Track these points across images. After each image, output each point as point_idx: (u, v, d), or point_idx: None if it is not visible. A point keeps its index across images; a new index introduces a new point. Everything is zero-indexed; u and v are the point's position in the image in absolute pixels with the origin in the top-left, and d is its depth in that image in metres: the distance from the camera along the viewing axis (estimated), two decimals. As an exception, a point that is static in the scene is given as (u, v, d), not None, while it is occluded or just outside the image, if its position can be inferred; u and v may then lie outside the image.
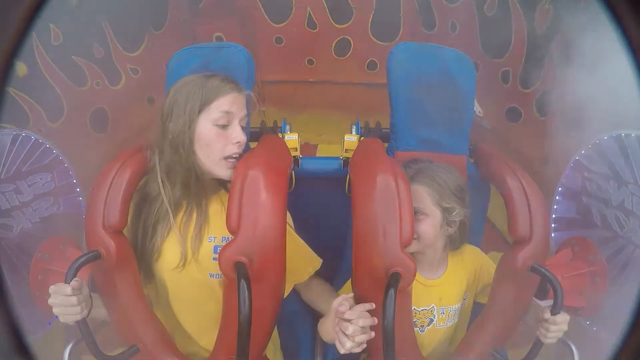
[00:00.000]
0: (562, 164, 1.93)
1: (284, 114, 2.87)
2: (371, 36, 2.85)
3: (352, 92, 2.98)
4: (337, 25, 2.84)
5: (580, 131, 2.08)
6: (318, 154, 2.89)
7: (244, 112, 1.30)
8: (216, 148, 1.25)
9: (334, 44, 2.88)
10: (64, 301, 1.10)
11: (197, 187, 1.29)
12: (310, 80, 2.97)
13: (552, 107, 2.25)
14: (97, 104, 2.24)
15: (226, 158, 1.26)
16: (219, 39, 2.78)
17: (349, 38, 2.86)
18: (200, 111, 1.24)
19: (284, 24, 2.82)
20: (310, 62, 2.92)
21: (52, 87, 2.02)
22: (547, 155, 2.29)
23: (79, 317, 1.12)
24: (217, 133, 1.25)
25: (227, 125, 1.26)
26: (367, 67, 2.94)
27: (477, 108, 2.46)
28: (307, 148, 2.83)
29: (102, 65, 2.25)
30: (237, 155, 1.27)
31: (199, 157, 1.27)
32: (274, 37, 2.84)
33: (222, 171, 1.27)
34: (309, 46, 2.89)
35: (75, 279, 1.12)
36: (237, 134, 1.26)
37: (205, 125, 1.25)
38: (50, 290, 1.12)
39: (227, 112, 1.25)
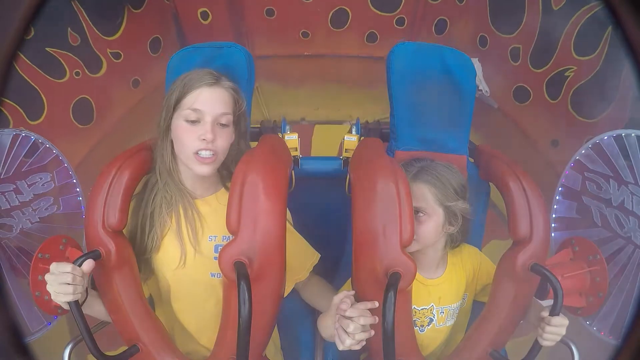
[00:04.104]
0: (571, 148, 1.85)
1: (278, 90, 2.75)
2: (371, 6, 2.69)
3: (350, 65, 2.83)
4: None
5: (593, 118, 2.00)
6: (314, 138, 2.76)
7: (219, 108, 1.25)
8: (185, 143, 1.25)
9: (330, 15, 2.71)
10: (59, 278, 1.09)
11: (172, 179, 1.30)
12: (305, 54, 2.81)
13: (565, 90, 2.09)
14: (79, 95, 2.15)
15: (196, 153, 1.24)
16: (203, 14, 2.63)
17: (347, 8, 2.70)
18: (175, 106, 1.25)
19: None
20: (305, 34, 2.76)
21: (28, 83, 1.93)
22: (557, 138, 2.18)
23: (70, 298, 1.10)
24: (186, 129, 1.24)
25: (197, 122, 1.24)
26: (366, 39, 2.78)
27: (484, 87, 2.39)
28: (302, 129, 2.67)
29: (79, 53, 2.13)
30: (207, 153, 1.24)
31: (176, 150, 1.29)
32: (265, 9, 2.68)
33: (194, 166, 1.26)
34: (303, 18, 2.72)
35: (84, 264, 1.12)
36: (204, 131, 1.23)
37: (178, 121, 1.26)
38: (50, 267, 1.11)
39: (195, 110, 1.24)
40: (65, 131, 2.09)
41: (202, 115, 1.24)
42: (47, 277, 1.11)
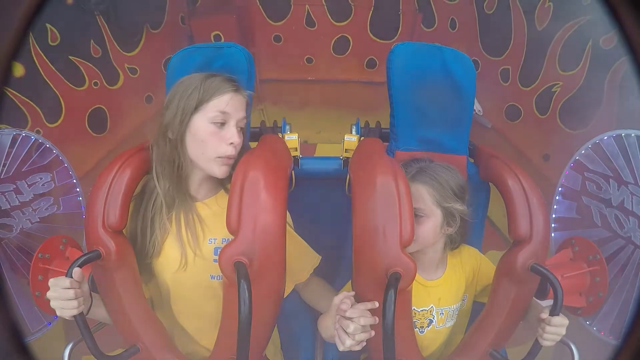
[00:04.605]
0: (562, 161, 1.92)
1: (283, 113, 2.86)
2: (370, 34, 2.84)
3: (351, 90, 2.96)
4: (336, 23, 2.83)
5: (581, 129, 2.08)
6: (316, 155, 2.87)
7: (241, 113, 1.29)
8: (210, 146, 1.24)
9: (332, 42, 2.87)
10: (62, 294, 1.10)
11: (179, 183, 1.29)
12: (309, 78, 2.95)
13: (553, 105, 2.21)
14: (95, 104, 2.23)
15: (219, 156, 1.25)
16: (216, 37, 2.77)
17: (348, 36, 2.86)
18: (196, 108, 1.25)
19: (282, 22, 2.81)
20: (309, 60, 2.90)
21: (49, 87, 2.01)
22: (548, 152, 2.28)
23: (75, 312, 1.11)
24: (213, 131, 1.24)
25: (223, 125, 1.26)
26: (366, 65, 2.92)
27: (477, 106, 2.45)
28: (306, 148, 2.80)
29: (99, 64, 2.23)
30: (230, 155, 1.26)
31: (192, 153, 1.27)
32: (273, 36, 2.84)
33: (216, 168, 1.26)
34: (307, 44, 2.88)
35: (76, 269, 1.11)
36: (232, 135, 1.25)
37: (201, 123, 1.25)
38: (49, 284, 1.12)
39: (223, 112, 1.25)
40: (79, 137, 2.15)
41: (228, 119, 1.26)
42: (48, 294, 1.11)
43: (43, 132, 1.89)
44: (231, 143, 1.25)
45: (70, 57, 2.10)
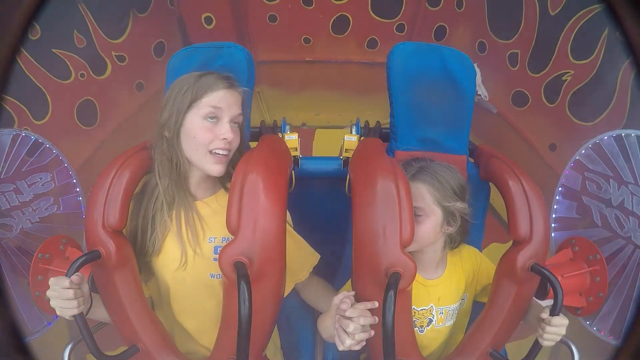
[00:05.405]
0: (569, 152, 1.87)
1: (280, 95, 2.78)
2: (371, 13, 2.74)
3: (351, 71, 2.87)
4: (335, 2, 2.72)
5: (590, 121, 2.02)
6: (315, 141, 2.81)
7: (236, 110, 1.29)
8: (202, 141, 1.25)
9: (331, 22, 2.76)
10: (62, 294, 1.10)
11: (178, 181, 1.30)
12: (307, 59, 2.86)
13: (562, 94, 2.12)
14: (83, 96, 2.17)
15: (212, 152, 1.26)
16: (207, 19, 2.67)
17: (348, 15, 2.75)
18: (190, 106, 1.25)
19: (277, 0, 2.71)
20: (307, 40, 2.81)
21: (34, 84, 1.96)
22: (555, 142, 2.20)
23: (75, 312, 1.12)
24: (205, 127, 1.25)
25: (217, 120, 1.26)
26: (366, 45, 2.82)
27: (483, 91, 2.40)
28: (304, 133, 2.70)
29: (85, 55, 2.16)
30: (224, 152, 1.27)
31: (186, 150, 1.27)
32: (268, 15, 2.73)
33: (209, 166, 1.27)
34: (304, 24, 2.77)
35: (75, 274, 1.12)
36: (225, 130, 1.25)
37: (195, 119, 1.25)
38: (49, 283, 1.12)
39: (216, 108, 1.25)
40: (69, 132, 2.10)
41: (221, 115, 1.26)
42: (48, 293, 1.12)
43: (31, 130, 1.83)
44: (224, 138, 1.25)
45: (53, 50, 2.03)
